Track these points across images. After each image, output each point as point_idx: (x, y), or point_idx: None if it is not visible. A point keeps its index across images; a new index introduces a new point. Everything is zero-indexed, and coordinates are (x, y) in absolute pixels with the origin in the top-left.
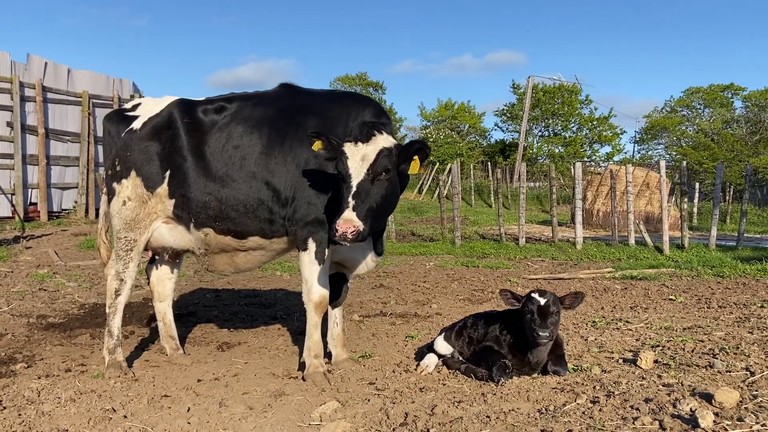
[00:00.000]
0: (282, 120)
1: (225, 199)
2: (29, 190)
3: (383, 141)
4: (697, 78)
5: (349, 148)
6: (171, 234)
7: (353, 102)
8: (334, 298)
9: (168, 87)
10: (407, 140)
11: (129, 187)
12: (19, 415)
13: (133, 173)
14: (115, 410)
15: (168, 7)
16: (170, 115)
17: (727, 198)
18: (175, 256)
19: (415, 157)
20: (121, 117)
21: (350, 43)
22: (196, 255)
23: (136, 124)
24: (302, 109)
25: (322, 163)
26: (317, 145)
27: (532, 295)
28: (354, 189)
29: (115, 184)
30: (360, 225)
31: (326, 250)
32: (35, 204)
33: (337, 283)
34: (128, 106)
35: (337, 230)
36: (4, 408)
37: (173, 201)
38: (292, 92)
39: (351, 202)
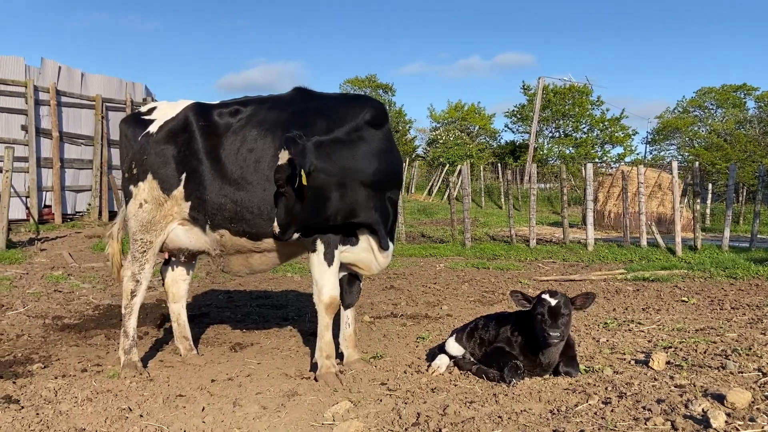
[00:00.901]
0: (294, 123)
1: (240, 201)
2: (44, 193)
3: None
4: (710, 78)
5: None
6: (187, 236)
7: (358, 104)
8: (347, 299)
9: (179, 90)
10: (417, 142)
11: (146, 189)
12: (37, 414)
13: (149, 176)
14: (131, 409)
15: (177, 11)
16: (186, 119)
17: (740, 199)
18: (190, 258)
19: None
20: (137, 121)
21: (358, 45)
22: (211, 256)
23: (153, 128)
24: (313, 112)
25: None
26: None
27: (543, 296)
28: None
29: (131, 187)
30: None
31: (335, 251)
32: (49, 206)
33: (349, 284)
34: (144, 109)
35: None
36: (22, 407)
37: (189, 203)
38: (305, 96)
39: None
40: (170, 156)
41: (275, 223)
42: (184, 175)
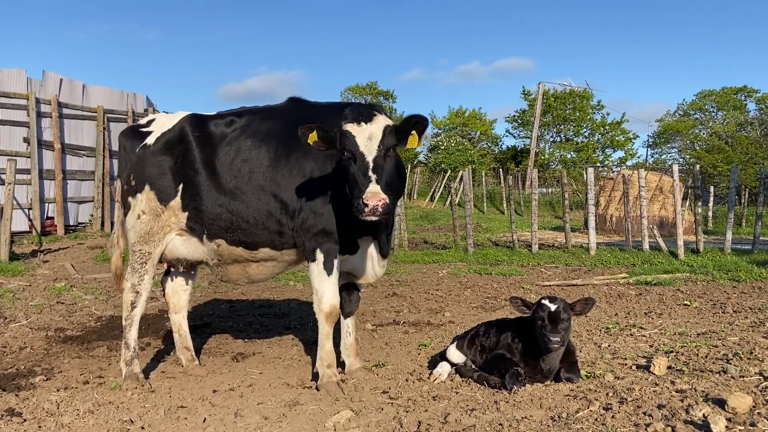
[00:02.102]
0: (288, 133)
1: (236, 210)
2: (46, 205)
3: (384, 119)
4: (710, 81)
5: (353, 128)
6: (185, 246)
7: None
8: (346, 308)
9: (180, 100)
10: (418, 148)
11: (143, 201)
12: (40, 427)
13: (147, 187)
14: (132, 421)
15: (177, 21)
16: (182, 130)
17: (743, 201)
18: (189, 268)
19: (413, 132)
20: (135, 133)
21: (357, 53)
22: (210, 266)
23: (150, 140)
24: (307, 122)
25: (327, 174)
26: (312, 137)
27: (543, 301)
28: (372, 164)
29: (130, 199)
30: (386, 198)
31: (335, 261)
32: (52, 218)
33: (348, 292)
34: (143, 122)
35: (366, 204)
36: (25, 420)
37: (186, 213)
38: (300, 105)
39: (372, 176)
40: (167, 167)
41: (383, 194)
42: (180, 186)
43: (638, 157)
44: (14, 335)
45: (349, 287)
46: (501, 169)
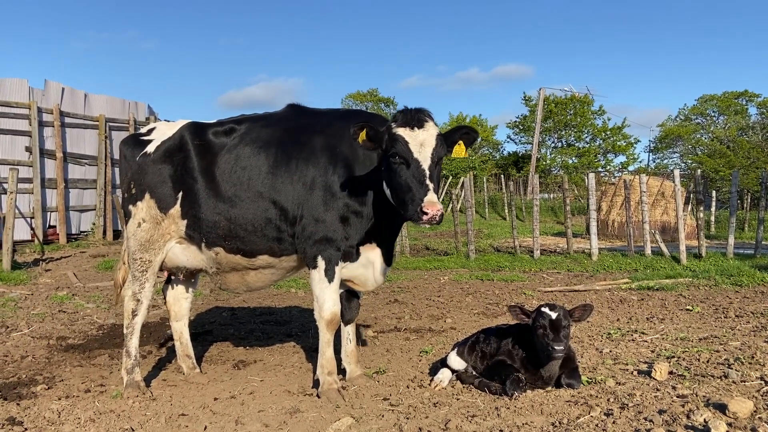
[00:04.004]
0: (288, 140)
1: (234, 218)
2: (48, 213)
3: (434, 127)
4: (711, 85)
5: (405, 133)
6: (184, 254)
7: (359, 119)
8: (346, 315)
9: (181, 108)
10: None
11: (143, 208)
12: None
13: (147, 195)
14: (133, 430)
15: (176, 29)
16: (181, 138)
17: (745, 206)
18: (189, 276)
19: (460, 142)
20: (136, 141)
21: (357, 60)
22: (208, 274)
23: (150, 148)
24: (307, 129)
25: (329, 181)
26: (361, 136)
27: (543, 309)
28: (428, 172)
29: (130, 207)
30: (442, 207)
31: (336, 268)
32: (54, 227)
33: (348, 299)
34: (144, 130)
35: (426, 212)
36: (26, 429)
37: (185, 221)
38: (299, 112)
39: (430, 185)
40: (167, 175)
41: (440, 204)
42: (180, 194)
43: (640, 162)
44: (16, 344)
45: (348, 294)
46: (502, 175)
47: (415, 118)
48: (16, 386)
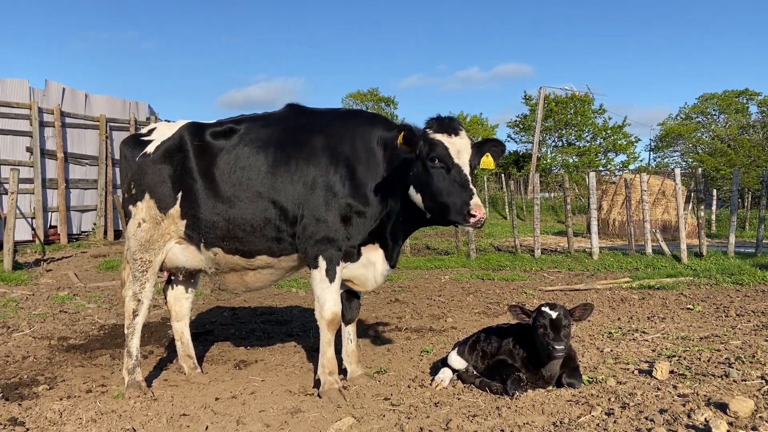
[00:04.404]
0: (287, 140)
1: (232, 219)
2: (49, 214)
3: (468, 136)
4: (711, 84)
5: (444, 139)
6: (183, 254)
7: (360, 119)
8: (347, 315)
9: (182, 108)
10: None
11: (143, 209)
12: None
13: (147, 195)
14: (135, 430)
15: (176, 29)
16: (181, 138)
17: (746, 204)
18: (189, 276)
19: (488, 153)
20: (136, 142)
21: (357, 60)
22: (208, 274)
23: (150, 148)
24: (307, 128)
25: (331, 181)
26: (399, 138)
27: (543, 309)
28: (469, 177)
29: (131, 207)
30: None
31: (337, 268)
32: (55, 227)
33: (348, 299)
34: (144, 131)
35: (474, 215)
36: (28, 429)
37: (185, 222)
38: (298, 112)
39: (473, 189)
40: (166, 175)
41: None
42: (179, 194)
43: (640, 161)
44: (17, 344)
45: (349, 294)
46: (503, 174)
47: (451, 126)
48: (18, 386)
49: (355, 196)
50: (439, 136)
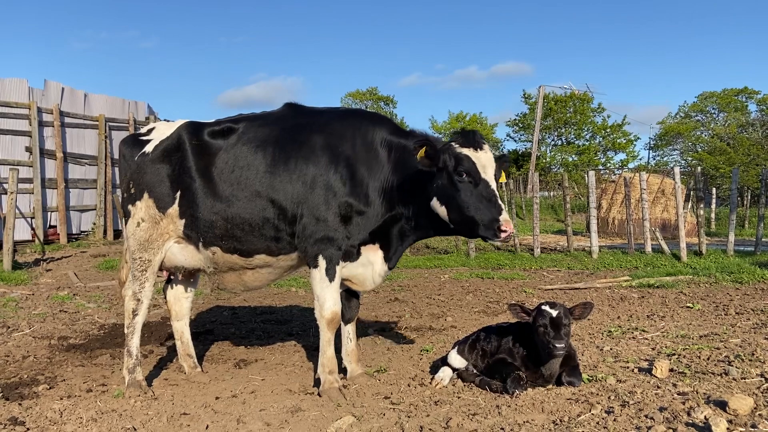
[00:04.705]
0: (286, 139)
1: (231, 218)
2: (48, 213)
3: (490, 151)
4: (710, 83)
5: (471, 153)
6: (182, 253)
7: (361, 118)
8: (346, 314)
9: (181, 108)
10: None
11: (142, 208)
12: None
13: (145, 195)
14: (135, 429)
15: (175, 29)
16: (179, 138)
17: (745, 203)
18: (189, 275)
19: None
20: (135, 141)
21: (356, 59)
22: (206, 274)
23: (149, 148)
24: (306, 128)
25: (331, 180)
26: (420, 153)
27: (543, 307)
28: (497, 192)
29: (129, 206)
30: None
31: (337, 267)
32: (55, 227)
33: (347, 299)
34: (143, 130)
35: (504, 230)
36: (28, 429)
37: (183, 221)
38: (296, 111)
39: (502, 204)
40: (165, 175)
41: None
42: (178, 193)
43: (640, 160)
44: (17, 344)
45: (348, 294)
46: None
47: (476, 140)
48: (18, 386)
49: (356, 196)
50: (465, 151)
